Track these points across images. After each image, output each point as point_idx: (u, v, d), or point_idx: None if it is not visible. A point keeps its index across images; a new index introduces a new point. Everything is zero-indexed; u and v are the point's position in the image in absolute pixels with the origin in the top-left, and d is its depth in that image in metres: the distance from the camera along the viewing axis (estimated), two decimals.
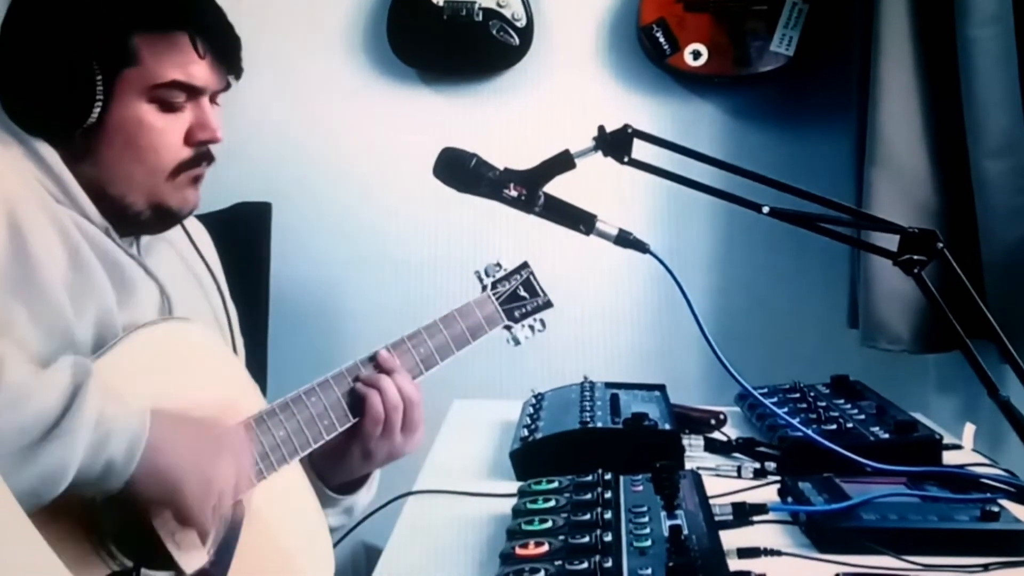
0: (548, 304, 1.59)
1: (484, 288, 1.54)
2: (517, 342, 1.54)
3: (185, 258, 1.39)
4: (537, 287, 1.59)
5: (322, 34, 2.49)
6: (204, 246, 1.44)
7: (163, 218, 1.29)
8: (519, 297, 1.56)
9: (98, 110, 1.20)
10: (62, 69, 1.19)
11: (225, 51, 1.28)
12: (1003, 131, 1.84)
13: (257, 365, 1.64)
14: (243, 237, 2.21)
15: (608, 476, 1.28)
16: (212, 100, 1.30)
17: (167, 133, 1.25)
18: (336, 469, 1.38)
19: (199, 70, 1.25)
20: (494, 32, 2.36)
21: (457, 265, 2.51)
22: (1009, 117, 1.84)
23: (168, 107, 1.24)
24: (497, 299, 1.54)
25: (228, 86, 1.31)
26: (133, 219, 1.26)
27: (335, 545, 1.32)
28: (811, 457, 1.42)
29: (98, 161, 1.23)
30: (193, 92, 1.26)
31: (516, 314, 1.55)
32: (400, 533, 1.31)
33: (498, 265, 1.58)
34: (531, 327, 1.55)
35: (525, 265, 1.58)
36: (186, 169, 1.27)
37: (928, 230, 1.28)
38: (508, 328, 1.53)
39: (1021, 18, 1.83)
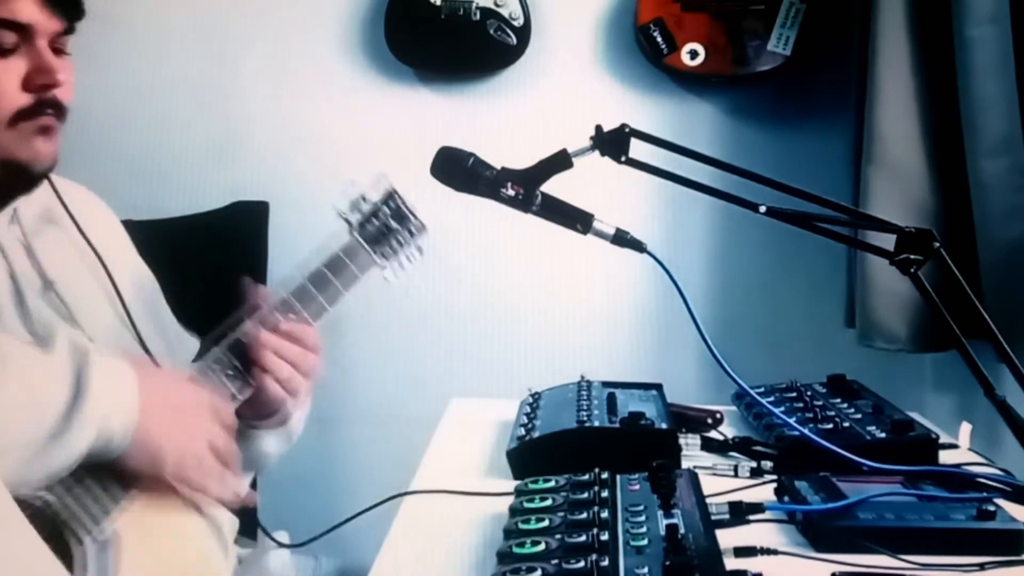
0: (421, 228, 1.41)
1: (351, 231, 1.42)
2: (392, 279, 1.43)
3: (73, 238, 1.33)
4: (407, 212, 1.41)
5: (320, 33, 2.49)
6: (87, 217, 1.35)
7: (17, 175, 1.22)
8: (390, 230, 1.42)
9: None
10: None
11: None
12: (1000, 131, 1.85)
13: None
14: (240, 236, 2.22)
15: (605, 475, 1.28)
16: (55, 47, 1.22)
17: (0, 79, 1.17)
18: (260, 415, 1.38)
19: (25, 7, 1.17)
20: (491, 31, 2.36)
21: (455, 264, 2.52)
22: (1006, 117, 1.84)
23: None
24: (367, 240, 1.41)
25: (70, 30, 1.23)
26: None
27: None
28: (808, 456, 1.42)
29: None
30: (23, 32, 1.18)
31: (388, 250, 1.41)
32: (396, 532, 1.31)
33: (363, 198, 1.45)
34: (407, 259, 1.41)
35: (392, 193, 1.42)
36: (28, 117, 1.19)
37: (925, 229, 1.28)
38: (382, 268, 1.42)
39: (1018, 18, 1.83)
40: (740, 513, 1.26)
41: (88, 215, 1.36)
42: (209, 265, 1.62)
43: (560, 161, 1.34)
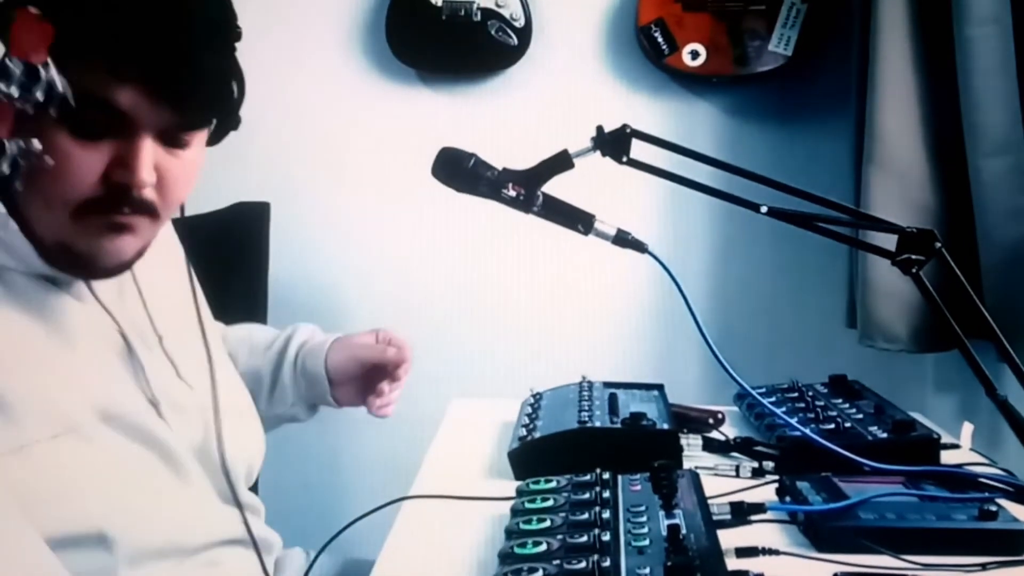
0: None
1: None
2: None
3: (173, 286, 1.32)
4: None
5: (321, 34, 2.49)
6: (168, 254, 1.34)
7: (75, 264, 1.13)
8: None
9: None
10: None
11: (175, 88, 1.07)
12: (1001, 131, 1.85)
13: None
14: (241, 237, 2.21)
15: (606, 475, 1.28)
16: (174, 141, 1.12)
17: (77, 161, 1.06)
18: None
19: (126, 93, 1.05)
20: (492, 32, 2.36)
21: (456, 265, 2.52)
22: (1007, 117, 1.84)
23: (84, 132, 1.06)
24: None
25: (190, 128, 1.13)
26: (47, 256, 1.11)
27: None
28: (809, 456, 1.42)
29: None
30: (119, 121, 1.07)
31: None
32: (397, 532, 1.31)
33: None
34: None
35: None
36: (97, 210, 1.09)
37: (926, 230, 1.28)
38: None
39: (1019, 18, 1.83)
40: (742, 513, 1.26)
41: (172, 251, 1.35)
42: (210, 266, 1.62)
43: (561, 162, 1.34)
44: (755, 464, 1.47)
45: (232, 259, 2.10)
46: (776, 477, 1.41)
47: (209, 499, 1.28)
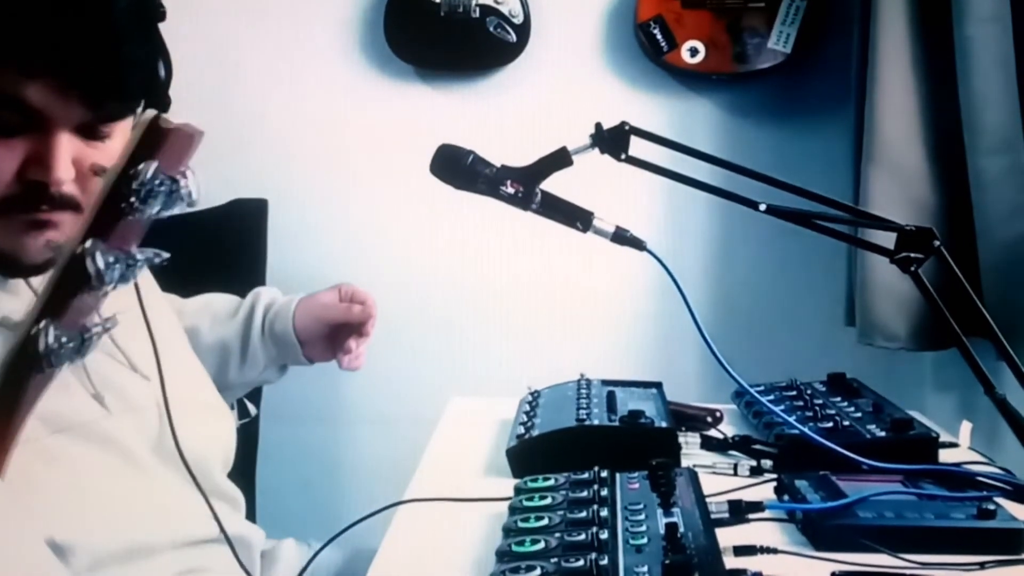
0: None
1: None
2: None
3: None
4: None
5: (319, 31, 2.49)
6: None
7: (2, 263, 1.10)
8: None
9: None
10: None
11: (89, 80, 1.03)
12: (1000, 129, 1.85)
13: None
14: (239, 234, 2.21)
15: (604, 473, 1.28)
16: (91, 135, 1.08)
17: None
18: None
19: (36, 91, 1.02)
20: (491, 29, 2.36)
21: (454, 262, 2.52)
22: (1006, 115, 1.84)
23: None
24: None
25: (108, 119, 1.09)
26: None
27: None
28: (807, 455, 1.41)
29: None
30: (32, 118, 1.03)
31: None
32: (396, 529, 1.30)
33: None
34: None
35: None
36: (16, 210, 1.06)
37: (925, 228, 1.28)
38: None
39: (1019, 17, 1.83)
40: (740, 512, 1.26)
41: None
42: (208, 262, 1.62)
43: (560, 159, 1.34)
44: (753, 462, 1.47)
45: (230, 256, 2.10)
46: (774, 475, 1.41)
47: (177, 496, 1.25)
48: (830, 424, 1.53)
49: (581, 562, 1.01)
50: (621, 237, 1.35)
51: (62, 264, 0.74)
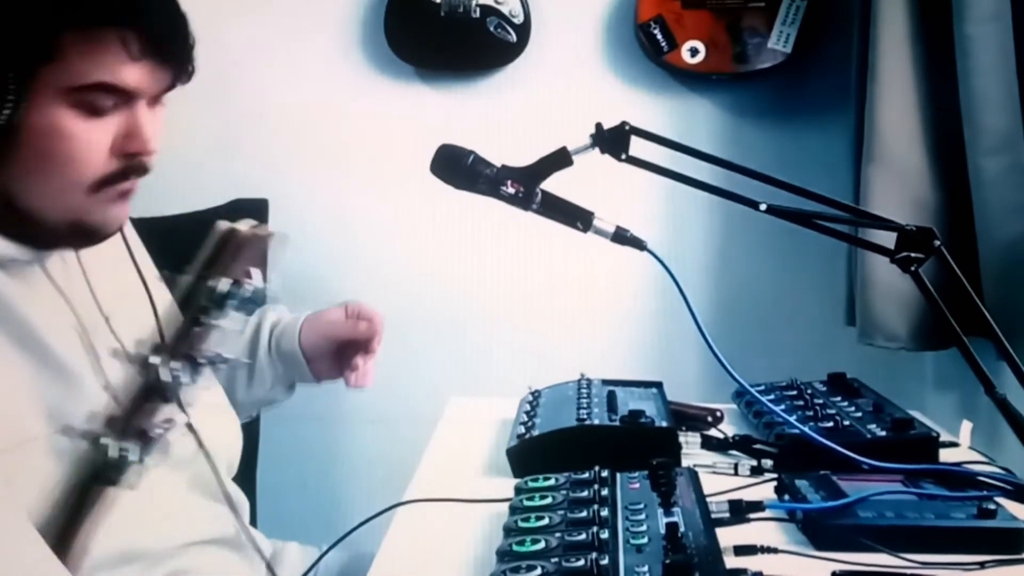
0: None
1: None
2: None
3: (115, 260, 1.25)
4: None
5: (319, 31, 2.49)
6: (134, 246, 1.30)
7: (83, 236, 1.14)
8: None
9: (8, 112, 1.03)
10: None
11: (169, 51, 1.11)
12: (1001, 129, 1.84)
13: None
14: None
15: (605, 473, 1.28)
16: (153, 102, 1.15)
17: (89, 142, 1.08)
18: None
19: (133, 72, 1.08)
20: (491, 29, 2.36)
21: (455, 262, 2.52)
22: (1007, 115, 1.84)
23: (92, 111, 1.08)
24: None
25: (173, 86, 1.15)
26: (49, 236, 1.12)
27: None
28: (808, 454, 1.42)
29: (8, 170, 1.07)
30: (124, 96, 1.09)
31: None
32: (396, 529, 1.30)
33: None
34: None
35: None
36: (111, 183, 1.11)
37: (926, 228, 1.27)
38: None
39: (1019, 16, 1.83)
40: (740, 511, 1.26)
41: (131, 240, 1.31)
42: None
43: (560, 159, 1.34)
44: (754, 462, 1.47)
45: None
46: (775, 475, 1.41)
47: (182, 497, 1.24)
48: (830, 424, 1.53)
49: (582, 562, 1.02)
50: (621, 237, 1.35)
51: (133, 378, 0.75)
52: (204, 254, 0.75)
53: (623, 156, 1.34)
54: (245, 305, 0.76)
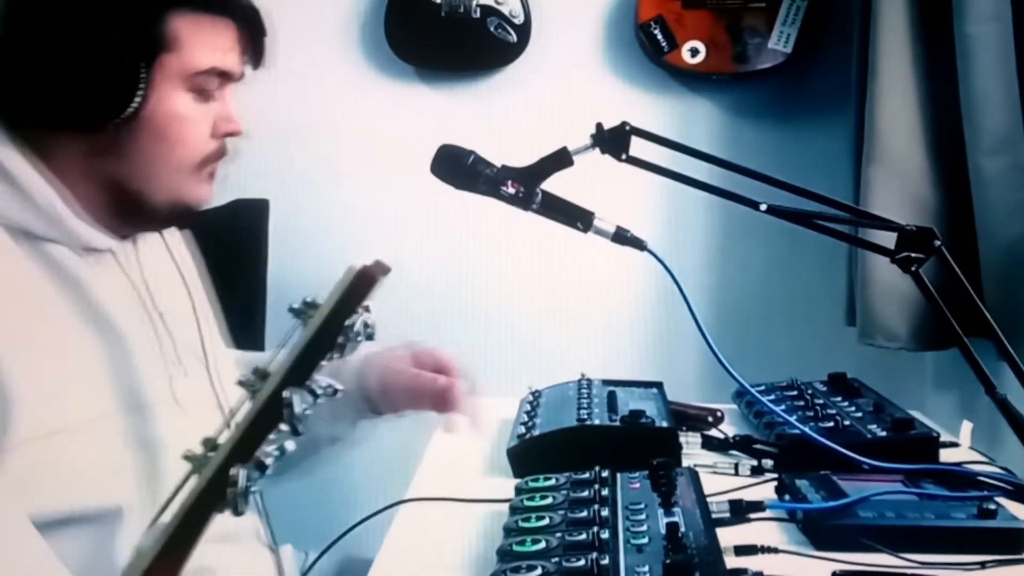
0: None
1: None
2: None
3: (162, 260, 1.32)
4: None
5: (320, 31, 2.49)
6: (172, 238, 1.35)
7: (179, 215, 1.21)
8: None
9: (138, 99, 1.09)
10: (98, 54, 1.08)
11: (257, 40, 1.23)
12: (1001, 128, 1.84)
13: None
14: (240, 234, 2.21)
15: (605, 473, 1.28)
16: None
17: (198, 124, 1.17)
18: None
19: (232, 57, 1.18)
20: (492, 29, 2.36)
21: (455, 263, 2.52)
22: (1007, 114, 1.84)
23: (202, 96, 1.16)
24: None
25: (243, 75, 1.24)
26: (147, 215, 1.18)
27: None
28: (808, 454, 1.42)
29: (123, 155, 1.13)
30: (225, 80, 1.19)
31: None
32: (396, 529, 1.30)
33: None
34: None
35: None
36: (208, 163, 1.19)
37: (926, 228, 1.27)
38: None
39: (1019, 15, 1.83)
40: (740, 511, 1.26)
41: (172, 235, 1.35)
42: (209, 262, 1.62)
43: (560, 159, 1.34)
44: (754, 462, 1.47)
45: (231, 256, 2.10)
46: (775, 475, 1.41)
47: None
48: (831, 424, 1.53)
49: (582, 562, 1.02)
50: (622, 237, 1.35)
51: (259, 407, 0.76)
52: (339, 292, 0.76)
53: (623, 156, 1.34)
54: (368, 339, 0.78)
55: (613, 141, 1.33)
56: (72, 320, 1.12)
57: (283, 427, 0.76)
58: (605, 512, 1.15)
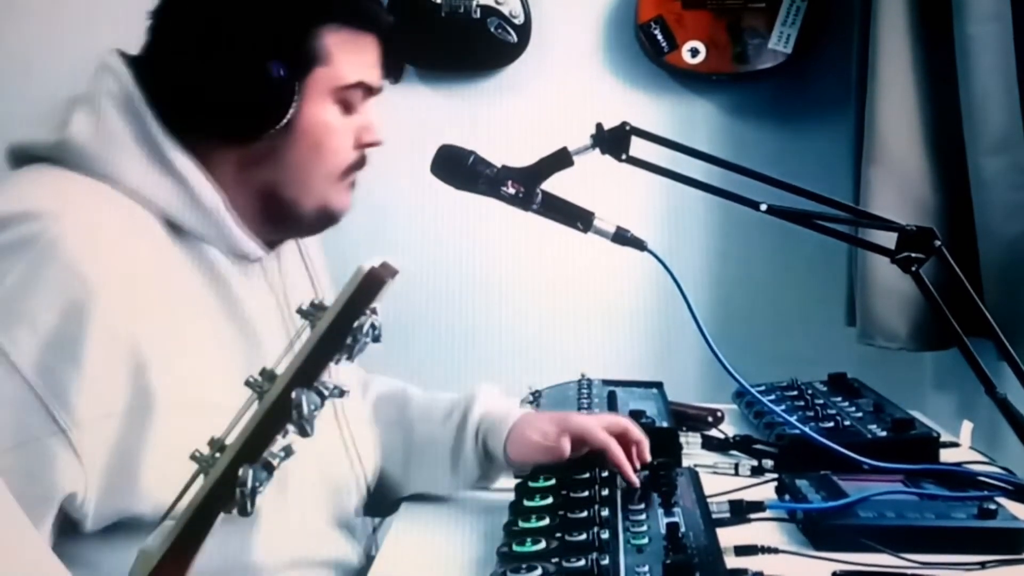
0: None
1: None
2: None
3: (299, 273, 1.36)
4: None
5: None
6: (311, 249, 1.40)
7: (323, 221, 1.26)
8: None
9: (293, 110, 1.15)
10: (257, 66, 1.14)
11: (397, 58, 1.30)
12: (1001, 128, 1.84)
13: None
14: None
15: (605, 473, 1.28)
16: None
17: (344, 135, 1.23)
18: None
19: (376, 73, 1.24)
20: (492, 29, 2.36)
21: (455, 263, 2.52)
22: (1007, 114, 1.84)
23: (347, 108, 1.22)
24: None
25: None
26: (297, 222, 1.24)
27: None
28: (808, 455, 1.42)
29: (278, 163, 1.19)
30: (368, 94, 1.24)
31: None
32: (396, 530, 1.31)
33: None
34: None
35: None
36: (352, 172, 1.26)
37: (926, 228, 1.28)
38: None
39: (1019, 15, 1.83)
40: (741, 512, 1.26)
41: (311, 246, 1.40)
42: None
43: (560, 159, 1.34)
44: (754, 462, 1.47)
45: None
46: (775, 475, 1.41)
47: (307, 515, 1.24)
48: (831, 424, 1.53)
49: (582, 562, 1.02)
50: (622, 237, 1.35)
51: (266, 408, 0.76)
52: (347, 293, 0.77)
53: (623, 156, 1.34)
54: (374, 341, 0.79)
55: (613, 141, 1.33)
56: (218, 319, 1.17)
57: (291, 428, 0.76)
58: (605, 512, 1.15)
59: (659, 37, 2.35)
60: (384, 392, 1.51)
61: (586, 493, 1.21)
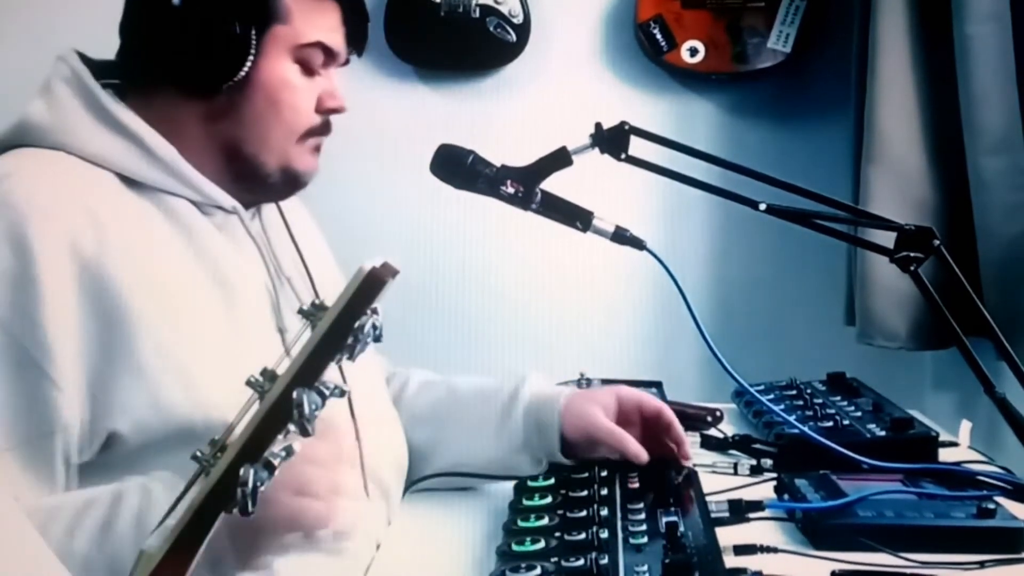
0: None
1: None
2: None
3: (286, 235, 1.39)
4: None
5: None
6: (294, 214, 1.43)
7: (289, 182, 1.29)
8: None
9: (249, 64, 1.19)
10: (215, 20, 1.18)
11: (359, 26, 1.30)
12: (1000, 128, 1.84)
13: None
14: None
15: (604, 472, 1.28)
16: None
17: (305, 95, 1.25)
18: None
19: (337, 37, 1.26)
20: (491, 29, 2.36)
21: (454, 263, 2.52)
22: (1006, 114, 1.84)
23: (307, 70, 1.25)
24: None
25: (348, 61, 1.31)
26: (262, 181, 1.27)
27: None
28: (807, 454, 1.42)
29: (238, 118, 1.23)
30: (329, 58, 1.27)
31: None
32: (395, 529, 1.31)
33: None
34: None
35: None
36: (313, 135, 1.28)
37: (925, 227, 1.28)
38: None
39: (1019, 16, 1.83)
40: (740, 511, 1.26)
41: (295, 212, 1.43)
42: None
43: (559, 159, 1.34)
44: (753, 462, 1.47)
45: None
46: (774, 475, 1.41)
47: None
48: (830, 423, 1.53)
49: (581, 561, 1.02)
50: (621, 237, 1.35)
51: (268, 408, 0.76)
52: (348, 293, 0.77)
53: (622, 156, 1.34)
54: (376, 341, 0.79)
55: (612, 141, 1.33)
56: (185, 260, 1.19)
57: (292, 427, 0.76)
58: (604, 512, 1.15)
59: (658, 36, 2.35)
60: (428, 378, 1.56)
61: (585, 492, 1.21)
